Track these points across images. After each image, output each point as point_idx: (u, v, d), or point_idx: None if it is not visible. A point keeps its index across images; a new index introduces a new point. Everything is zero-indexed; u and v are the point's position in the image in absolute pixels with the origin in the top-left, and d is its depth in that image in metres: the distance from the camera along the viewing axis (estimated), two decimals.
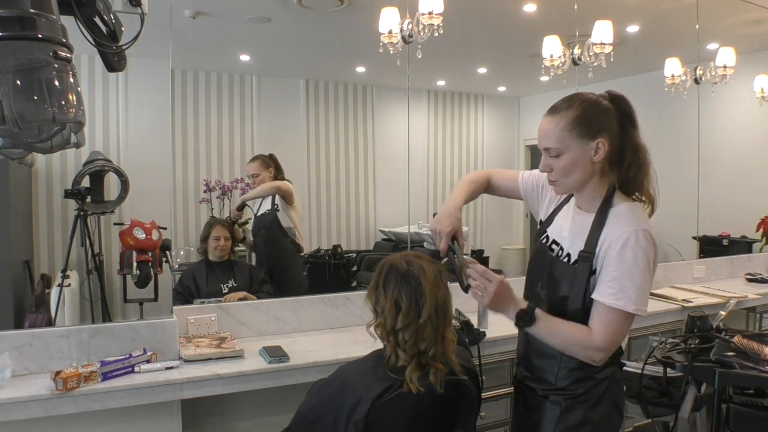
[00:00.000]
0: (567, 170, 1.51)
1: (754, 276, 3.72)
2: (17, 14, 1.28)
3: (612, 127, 1.49)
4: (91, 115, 2.15)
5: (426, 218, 3.94)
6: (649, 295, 1.47)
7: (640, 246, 1.43)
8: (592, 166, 1.50)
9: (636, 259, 1.43)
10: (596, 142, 1.47)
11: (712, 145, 4.06)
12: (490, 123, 4.28)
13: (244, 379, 1.96)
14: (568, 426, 1.55)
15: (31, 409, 1.69)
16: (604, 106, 1.50)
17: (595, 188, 1.54)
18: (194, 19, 2.85)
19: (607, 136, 1.48)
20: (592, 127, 1.47)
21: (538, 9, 3.46)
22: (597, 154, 1.48)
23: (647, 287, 1.45)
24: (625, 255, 1.43)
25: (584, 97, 1.51)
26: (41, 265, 2.25)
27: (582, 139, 1.47)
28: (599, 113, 1.49)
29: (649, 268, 1.45)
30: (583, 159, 1.49)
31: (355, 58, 3.69)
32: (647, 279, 1.45)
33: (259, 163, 3.07)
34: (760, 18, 3.99)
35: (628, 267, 1.43)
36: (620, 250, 1.44)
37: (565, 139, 1.48)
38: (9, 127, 1.28)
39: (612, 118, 1.50)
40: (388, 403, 1.45)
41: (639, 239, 1.43)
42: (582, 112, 1.48)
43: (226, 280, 2.78)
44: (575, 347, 1.49)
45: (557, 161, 1.50)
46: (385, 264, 1.59)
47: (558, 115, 1.49)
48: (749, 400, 1.92)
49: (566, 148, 1.49)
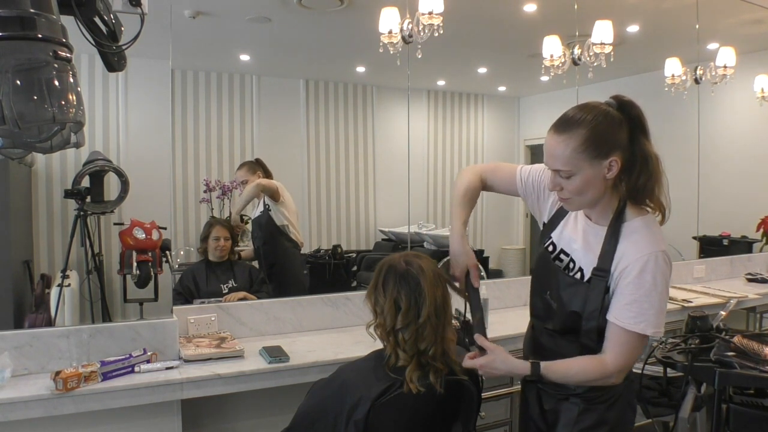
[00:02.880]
0: (580, 191, 1.46)
1: (754, 276, 3.72)
2: (17, 14, 1.28)
3: (622, 140, 1.43)
4: (91, 115, 2.15)
5: (426, 218, 3.95)
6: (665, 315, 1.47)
7: (659, 269, 1.41)
8: (605, 182, 1.45)
9: (655, 281, 1.41)
10: (609, 161, 1.42)
11: (712, 145, 4.06)
12: (490, 123, 4.28)
13: (244, 379, 1.96)
14: (585, 427, 1.54)
15: (31, 409, 1.69)
16: (614, 119, 1.43)
17: (607, 202, 1.50)
18: (194, 19, 2.85)
19: (619, 152, 1.42)
20: (605, 146, 1.41)
21: (538, 9, 3.46)
22: (610, 172, 1.43)
23: (664, 308, 1.45)
24: (644, 278, 1.41)
25: (594, 112, 1.43)
26: (41, 265, 2.25)
27: (595, 159, 1.42)
28: (610, 129, 1.42)
29: (666, 289, 1.44)
30: (596, 179, 1.44)
31: (355, 58, 3.69)
32: (665, 300, 1.44)
33: (246, 169, 3.06)
34: (760, 18, 3.99)
35: (647, 290, 1.41)
36: (639, 274, 1.41)
37: (577, 161, 1.42)
38: (9, 127, 1.28)
39: (622, 130, 1.43)
40: (388, 403, 1.45)
41: (658, 262, 1.41)
42: (592, 132, 1.41)
43: (226, 280, 2.78)
44: (592, 381, 1.50)
45: (568, 182, 1.45)
46: (384, 264, 1.59)
47: (566, 134, 1.42)
48: (749, 400, 1.92)
49: (578, 170, 1.43)
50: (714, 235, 4.10)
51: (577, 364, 1.49)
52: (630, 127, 1.44)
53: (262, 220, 3.04)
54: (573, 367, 1.49)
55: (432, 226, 3.96)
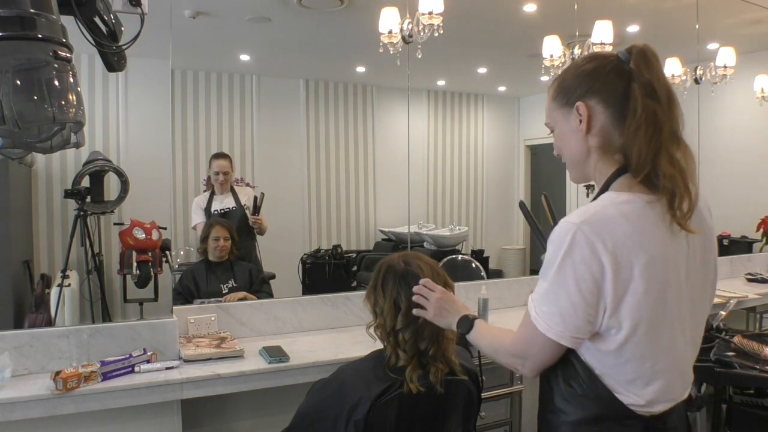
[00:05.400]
0: (559, 147, 1.28)
1: (754, 276, 3.72)
2: (17, 14, 1.29)
3: (607, 90, 1.17)
4: (91, 115, 2.15)
5: (426, 218, 3.95)
6: (560, 314, 1.11)
7: (560, 246, 1.10)
8: (584, 139, 1.20)
9: (553, 258, 1.12)
10: (576, 108, 1.20)
11: (712, 145, 4.05)
12: (490, 123, 4.28)
13: (244, 379, 1.96)
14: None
15: (31, 409, 1.69)
16: (598, 66, 1.20)
17: (600, 174, 1.22)
18: (194, 19, 2.85)
19: (597, 100, 1.18)
20: (575, 91, 1.20)
21: (538, 9, 3.46)
22: (581, 124, 1.19)
23: (552, 300, 1.12)
24: (548, 250, 1.14)
25: (576, 61, 1.27)
26: (41, 265, 2.25)
27: (564, 107, 1.23)
28: (585, 75, 1.20)
29: (560, 278, 1.10)
30: (570, 132, 1.23)
31: (355, 58, 3.69)
32: (555, 291, 1.11)
33: (230, 161, 3.05)
34: (760, 18, 3.99)
35: (544, 266, 1.15)
36: (548, 243, 1.15)
37: (552, 111, 1.27)
38: (9, 127, 1.28)
39: (608, 80, 1.18)
40: (388, 403, 1.45)
41: (562, 238, 1.10)
42: (563, 77, 1.25)
43: (225, 280, 2.78)
44: (498, 354, 1.30)
45: (554, 140, 1.30)
46: (383, 265, 1.59)
47: (550, 86, 1.30)
48: (749, 400, 1.92)
49: (554, 122, 1.27)
50: None
51: (500, 331, 1.34)
52: (637, 77, 1.16)
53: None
54: (495, 331, 1.36)
55: (432, 226, 3.96)
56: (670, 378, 1.18)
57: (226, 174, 2.99)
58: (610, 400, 1.15)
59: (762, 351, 1.93)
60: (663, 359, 1.16)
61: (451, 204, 4.08)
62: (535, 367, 1.20)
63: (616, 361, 1.14)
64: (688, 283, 1.18)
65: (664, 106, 1.14)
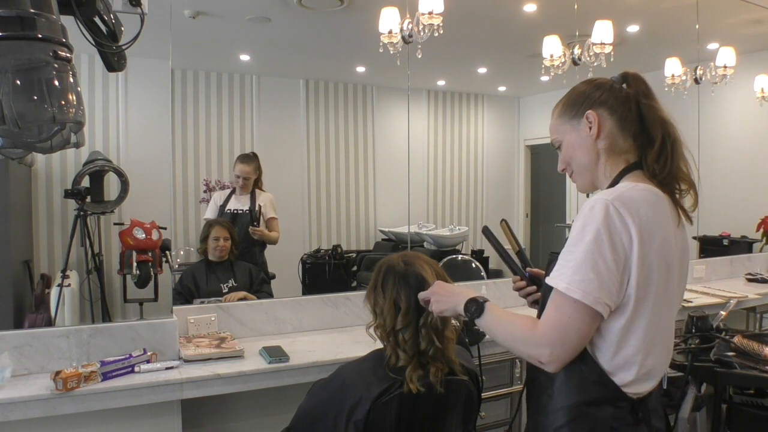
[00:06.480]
0: (569, 158, 1.37)
1: (754, 276, 3.72)
2: (17, 14, 1.28)
3: (611, 100, 1.32)
4: (91, 115, 2.15)
5: (426, 218, 3.95)
6: (597, 279, 1.15)
7: (593, 218, 1.17)
8: (593, 144, 1.32)
9: (584, 230, 1.17)
10: (585, 116, 1.32)
11: (712, 145, 4.05)
12: (490, 123, 4.28)
13: (244, 379, 1.96)
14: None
15: (31, 409, 1.69)
16: (600, 83, 1.36)
17: (608, 173, 1.33)
18: (194, 19, 2.85)
19: (603, 108, 1.32)
20: (582, 104, 1.34)
21: (538, 9, 3.46)
22: (592, 130, 1.31)
23: (589, 266, 1.15)
24: (575, 226, 1.20)
25: (575, 86, 1.40)
26: (41, 265, 2.25)
27: (573, 119, 1.35)
28: (590, 90, 1.35)
29: (597, 245, 1.15)
30: (580, 140, 1.34)
31: (355, 58, 3.69)
32: (592, 257, 1.15)
33: (254, 165, 3.04)
34: (760, 18, 3.99)
35: (573, 240, 1.19)
36: (575, 222, 1.21)
37: (560, 126, 1.38)
38: (9, 127, 1.28)
39: (611, 92, 1.33)
40: (388, 403, 1.45)
41: (594, 210, 1.18)
42: (568, 97, 1.38)
43: (225, 280, 2.78)
44: (518, 342, 1.25)
45: (562, 153, 1.40)
46: (382, 265, 1.59)
47: (555, 108, 1.42)
48: (749, 400, 1.92)
49: (562, 135, 1.38)
50: (714, 235, 4.10)
51: (517, 317, 1.27)
52: (634, 94, 1.33)
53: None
54: (512, 317, 1.28)
55: (432, 226, 3.96)
56: (661, 351, 1.28)
57: (246, 179, 3.01)
58: (606, 383, 1.23)
59: (762, 351, 1.93)
60: (660, 333, 1.26)
61: (451, 204, 4.08)
62: (565, 356, 1.18)
63: (619, 338, 1.21)
64: (678, 269, 1.31)
65: (665, 113, 1.31)
